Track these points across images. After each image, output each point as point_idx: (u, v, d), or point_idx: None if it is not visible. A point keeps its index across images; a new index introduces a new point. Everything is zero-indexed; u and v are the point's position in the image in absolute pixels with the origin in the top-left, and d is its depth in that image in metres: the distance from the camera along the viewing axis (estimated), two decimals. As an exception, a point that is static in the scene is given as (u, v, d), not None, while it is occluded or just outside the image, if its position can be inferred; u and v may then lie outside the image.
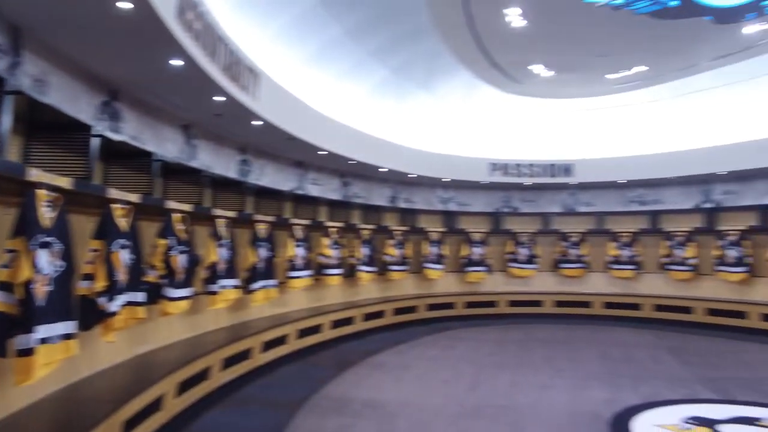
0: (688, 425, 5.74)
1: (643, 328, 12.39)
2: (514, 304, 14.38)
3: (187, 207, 6.06)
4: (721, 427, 5.71)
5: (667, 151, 13.68)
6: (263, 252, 8.04)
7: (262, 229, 8.05)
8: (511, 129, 14.97)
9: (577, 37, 9.75)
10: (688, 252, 13.19)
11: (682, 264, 13.26)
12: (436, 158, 13.97)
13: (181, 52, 5.59)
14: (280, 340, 8.22)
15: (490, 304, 14.27)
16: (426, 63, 11.56)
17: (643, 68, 11.41)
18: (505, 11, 8.74)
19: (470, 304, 14.08)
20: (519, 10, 8.73)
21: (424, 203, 15.18)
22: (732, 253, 12.51)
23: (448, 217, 15.38)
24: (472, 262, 14.43)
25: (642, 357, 9.42)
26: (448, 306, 13.74)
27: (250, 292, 7.72)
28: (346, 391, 6.93)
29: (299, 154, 11.07)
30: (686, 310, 12.80)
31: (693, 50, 10.39)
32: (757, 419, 5.95)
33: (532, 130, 15.08)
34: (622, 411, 6.16)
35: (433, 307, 13.30)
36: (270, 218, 8.42)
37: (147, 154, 7.21)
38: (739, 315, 11.96)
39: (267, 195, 10.70)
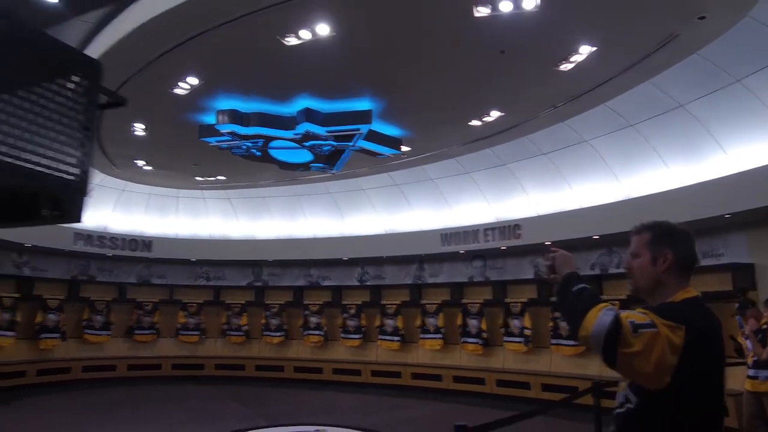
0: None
1: (207, 384, 15.16)
2: (88, 369, 15.23)
3: None
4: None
5: (230, 238, 17.27)
6: None
7: None
8: (101, 203, 16.14)
9: (183, 151, 12.38)
10: (242, 321, 16.85)
11: (239, 330, 16.83)
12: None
13: None
14: None
15: (65, 370, 14.80)
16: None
17: (222, 177, 14.77)
18: (134, 124, 10.71)
19: (42, 372, 14.33)
20: (143, 126, 10.83)
21: (-4, 267, 14.67)
22: (274, 321, 16.71)
23: (23, 282, 15.23)
24: (45, 329, 14.76)
25: (214, 405, 12.16)
26: (19, 374, 13.75)
27: None
28: None
29: None
30: (241, 367, 16.24)
31: (260, 175, 14.33)
32: (294, 434, 9.37)
33: (119, 207, 16.59)
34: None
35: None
36: None
37: None
38: (279, 369, 16.08)
39: None
